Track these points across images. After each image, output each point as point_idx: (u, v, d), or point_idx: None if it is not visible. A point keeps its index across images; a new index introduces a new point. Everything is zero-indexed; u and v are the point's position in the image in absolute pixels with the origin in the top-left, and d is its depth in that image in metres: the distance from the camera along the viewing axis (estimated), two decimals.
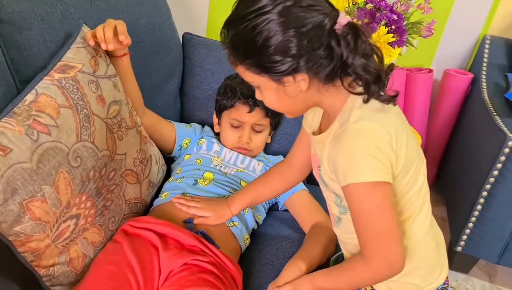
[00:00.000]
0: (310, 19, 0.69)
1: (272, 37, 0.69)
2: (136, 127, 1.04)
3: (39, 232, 0.82)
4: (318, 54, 0.70)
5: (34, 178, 0.79)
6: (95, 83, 0.92)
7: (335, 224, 0.91)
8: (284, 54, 0.69)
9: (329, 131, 0.78)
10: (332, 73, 0.72)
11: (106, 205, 0.96)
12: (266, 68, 0.72)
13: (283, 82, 0.73)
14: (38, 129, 0.80)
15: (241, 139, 1.22)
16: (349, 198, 0.75)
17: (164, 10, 1.33)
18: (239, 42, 0.73)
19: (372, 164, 0.71)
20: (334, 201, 0.86)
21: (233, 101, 1.22)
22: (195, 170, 1.16)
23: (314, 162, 0.87)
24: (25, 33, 0.94)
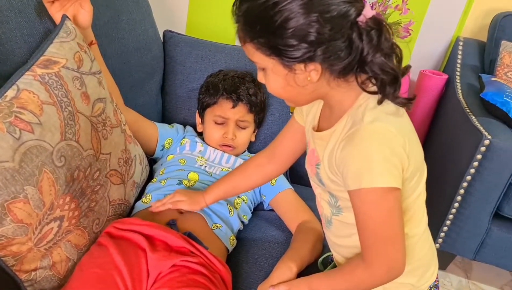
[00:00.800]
0: (335, 6, 0.64)
1: (292, 18, 0.64)
2: (121, 126, 1.01)
3: (21, 235, 0.78)
4: (337, 45, 0.66)
5: (16, 178, 0.75)
6: (79, 79, 0.89)
7: (325, 226, 0.89)
8: (301, 39, 0.65)
9: (334, 129, 0.75)
10: (347, 68, 0.68)
11: (90, 206, 0.92)
12: (279, 51, 0.67)
13: (293, 69, 0.69)
14: (20, 126, 0.76)
15: (225, 135, 1.20)
16: (359, 203, 0.71)
17: (145, 6, 1.30)
18: (254, 18, 0.67)
19: (388, 168, 0.68)
20: (327, 201, 0.84)
21: (216, 97, 1.20)
22: (179, 170, 1.14)
23: (312, 158, 0.84)
24: (2, 26, 0.89)
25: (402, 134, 0.69)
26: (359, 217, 0.73)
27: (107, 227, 0.96)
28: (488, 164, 1.37)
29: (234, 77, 1.22)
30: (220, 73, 1.26)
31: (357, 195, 0.70)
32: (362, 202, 0.71)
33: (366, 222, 0.73)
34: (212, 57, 1.36)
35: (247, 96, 1.20)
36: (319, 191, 0.86)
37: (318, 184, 0.84)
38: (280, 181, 1.19)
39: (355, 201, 0.72)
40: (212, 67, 1.33)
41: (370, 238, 0.73)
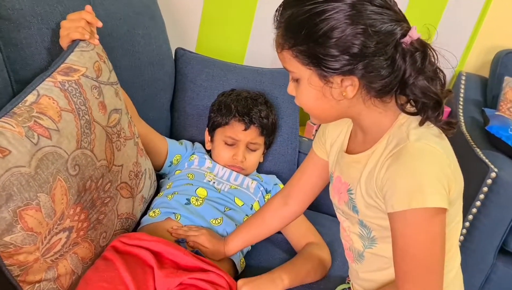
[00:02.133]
0: (382, 23, 0.63)
1: (337, 28, 0.62)
2: (134, 138, 1.00)
3: (29, 244, 0.76)
4: (379, 62, 0.64)
5: (31, 184, 0.73)
6: (97, 88, 0.88)
7: (354, 261, 0.84)
8: (344, 50, 0.63)
9: (373, 149, 0.72)
10: (386, 88, 0.66)
11: (99, 218, 0.90)
12: (318, 61, 0.65)
13: (330, 81, 0.66)
14: (38, 132, 0.75)
15: (235, 157, 1.19)
16: (402, 225, 0.66)
17: (160, 22, 1.31)
18: (297, 25, 0.65)
19: (438, 188, 0.64)
20: (358, 234, 0.79)
21: (228, 118, 1.19)
22: (187, 185, 1.12)
23: (339, 186, 0.80)
24: (24, 31, 0.89)
25: (447, 155, 0.67)
26: (399, 242, 0.68)
27: (112, 241, 0.94)
28: (494, 197, 1.37)
29: (247, 98, 1.21)
30: (232, 92, 1.26)
31: (402, 216, 0.66)
32: (406, 224, 0.66)
33: (407, 247, 0.67)
34: (223, 76, 1.36)
35: (259, 119, 1.19)
36: (347, 224, 0.82)
37: (349, 213, 0.79)
38: None
39: (398, 223, 0.67)
40: (223, 86, 1.33)
41: (409, 265, 0.68)
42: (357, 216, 0.77)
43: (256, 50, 1.78)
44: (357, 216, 0.77)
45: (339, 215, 0.84)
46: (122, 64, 1.12)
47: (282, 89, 1.36)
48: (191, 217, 1.03)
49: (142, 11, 1.20)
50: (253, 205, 1.15)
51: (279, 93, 1.35)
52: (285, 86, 1.35)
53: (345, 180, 0.78)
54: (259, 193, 1.18)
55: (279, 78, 1.39)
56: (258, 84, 1.35)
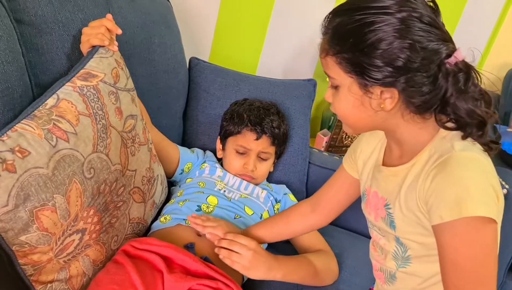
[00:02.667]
0: (429, 40, 0.64)
1: (385, 40, 0.63)
2: (148, 144, 1.01)
3: (43, 244, 0.77)
4: (421, 79, 0.65)
5: (48, 185, 0.74)
6: (115, 94, 0.90)
7: (386, 281, 0.82)
8: (388, 62, 0.64)
9: (414, 162, 0.71)
10: (426, 105, 0.67)
11: (111, 222, 0.91)
12: (361, 70, 0.66)
13: (369, 91, 0.67)
14: (57, 134, 0.77)
15: (246, 166, 1.20)
16: (450, 237, 0.64)
17: (176, 31, 1.33)
18: (345, 33, 0.67)
19: (487, 197, 0.63)
20: (393, 253, 0.78)
21: (240, 127, 1.20)
22: (198, 193, 1.13)
23: (376, 202, 0.79)
24: (45, 37, 0.92)
25: (492, 168, 0.66)
26: (449, 255, 0.65)
27: (123, 245, 0.95)
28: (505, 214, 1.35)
29: (260, 108, 1.23)
30: (245, 102, 1.27)
31: (452, 227, 0.63)
32: (455, 235, 0.63)
33: (457, 259, 0.64)
34: (236, 86, 1.37)
35: (271, 129, 1.20)
36: (384, 241, 0.81)
37: (386, 230, 0.78)
38: None
39: (447, 235, 0.64)
40: (235, 95, 1.35)
41: (460, 279, 0.65)
42: (394, 233, 0.76)
43: (269, 60, 1.80)
44: (394, 232, 0.75)
45: (375, 233, 0.83)
46: (138, 72, 1.14)
47: (294, 100, 1.38)
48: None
49: (158, 20, 1.23)
50: (263, 215, 1.16)
51: (291, 104, 1.36)
52: (297, 98, 1.39)
53: (382, 195, 0.77)
54: (268, 202, 1.19)
55: (291, 89, 1.40)
56: (270, 95, 1.36)
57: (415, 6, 0.65)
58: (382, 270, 0.83)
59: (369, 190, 0.82)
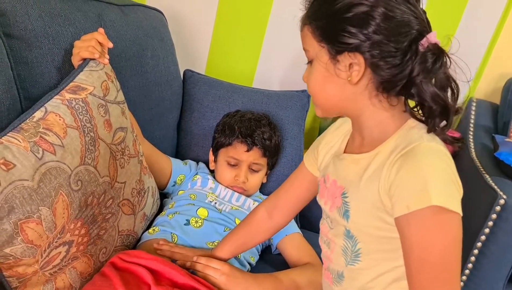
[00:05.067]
0: (402, 12, 0.64)
1: (357, 4, 0.64)
2: (138, 156, 1.02)
3: (29, 256, 0.77)
4: (388, 49, 0.64)
5: (33, 198, 0.75)
6: (104, 107, 0.90)
7: (334, 282, 0.80)
8: (358, 27, 0.64)
9: (377, 151, 0.69)
10: (391, 82, 0.66)
11: (99, 234, 0.91)
12: (331, 36, 0.66)
13: (337, 60, 0.67)
14: (43, 147, 0.77)
15: (237, 178, 1.20)
16: (418, 228, 0.62)
17: (169, 45, 1.35)
18: (318, 1, 0.69)
19: (455, 191, 0.62)
20: (342, 247, 0.76)
21: (231, 139, 1.21)
22: (189, 205, 1.13)
23: (333, 190, 0.77)
24: (35, 51, 0.93)
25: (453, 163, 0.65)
26: (415, 249, 0.63)
27: (112, 258, 0.95)
28: (503, 224, 1.34)
29: (251, 120, 1.23)
30: (237, 113, 1.28)
31: (418, 217, 0.61)
32: (423, 225, 0.61)
33: (424, 254, 0.62)
34: (229, 97, 1.38)
35: (262, 141, 1.21)
36: (331, 234, 0.79)
37: (338, 220, 0.76)
38: (289, 224, 1.18)
39: (412, 226, 0.62)
40: (229, 106, 1.35)
41: (428, 276, 0.62)
42: (346, 224, 0.74)
43: (265, 72, 1.81)
44: (346, 223, 0.74)
45: (325, 225, 0.81)
46: (131, 84, 1.15)
47: (288, 110, 1.38)
48: (187, 240, 1.04)
49: (151, 33, 1.24)
50: None
51: (284, 114, 1.37)
52: (291, 108, 1.39)
53: (341, 184, 0.75)
54: None
55: (285, 100, 1.41)
56: (264, 106, 1.37)
57: None
58: (329, 269, 0.81)
59: (328, 178, 0.80)
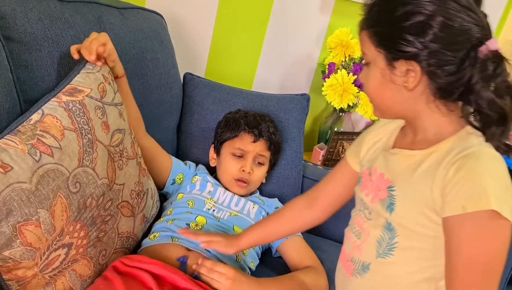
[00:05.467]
0: (462, 21, 0.64)
1: (416, 13, 0.64)
2: (137, 158, 1.02)
3: (28, 259, 0.77)
4: (446, 57, 0.64)
5: (31, 200, 0.75)
6: (101, 109, 0.90)
7: (355, 274, 0.80)
8: (416, 35, 0.64)
9: (433, 150, 0.69)
10: (449, 89, 0.66)
11: (99, 236, 0.91)
12: (389, 42, 0.67)
13: (394, 66, 0.68)
14: (41, 149, 0.77)
15: (243, 169, 1.19)
16: (472, 228, 0.62)
17: (169, 47, 1.35)
18: (378, 7, 0.69)
19: (509, 199, 0.61)
20: (377, 238, 0.75)
21: (236, 131, 1.21)
22: (187, 213, 1.12)
23: (378, 183, 0.77)
24: (35, 54, 0.93)
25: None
26: (464, 249, 0.63)
27: (114, 262, 0.95)
28: None
29: (255, 115, 1.25)
30: (239, 111, 1.29)
31: (473, 218, 0.62)
32: (477, 227, 0.62)
33: (473, 255, 0.63)
34: (230, 100, 1.38)
35: (268, 133, 1.22)
36: (367, 225, 0.78)
37: (380, 212, 0.75)
38: None
39: (466, 227, 0.62)
40: (229, 109, 1.35)
41: (476, 276, 0.63)
42: (388, 217, 0.74)
43: (264, 77, 1.81)
44: (389, 216, 0.74)
45: (361, 216, 0.80)
46: (130, 87, 1.14)
47: (287, 113, 1.39)
48: (189, 240, 1.03)
49: (151, 36, 1.24)
50: None
51: (284, 117, 1.37)
52: (290, 111, 1.39)
53: (388, 177, 0.75)
54: (260, 218, 1.18)
55: (285, 103, 1.41)
56: (264, 108, 1.37)
57: None
58: (353, 260, 0.80)
59: (375, 171, 0.79)
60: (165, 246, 1.03)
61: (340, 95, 1.63)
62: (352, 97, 1.63)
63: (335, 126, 1.83)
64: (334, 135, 1.69)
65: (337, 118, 1.83)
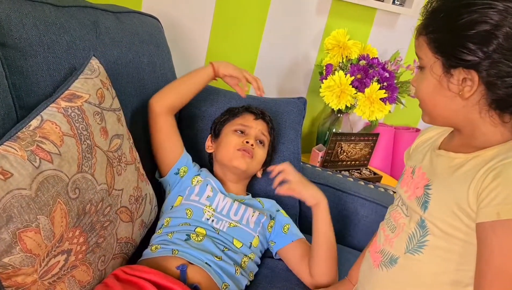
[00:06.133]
0: None
1: (482, 22, 0.63)
2: (135, 163, 1.02)
3: (27, 265, 0.77)
4: (508, 68, 0.63)
5: (31, 207, 0.74)
6: (100, 114, 0.90)
7: (381, 265, 0.80)
8: (479, 44, 0.63)
9: (477, 155, 0.70)
10: (507, 101, 0.65)
11: (98, 242, 0.91)
12: (448, 50, 0.66)
13: (450, 73, 0.67)
14: (40, 155, 0.77)
15: (247, 139, 1.18)
16: (505, 235, 0.62)
17: (166, 51, 1.35)
18: (440, 13, 0.68)
19: None
20: (410, 234, 0.76)
21: (238, 113, 1.25)
22: (185, 224, 1.10)
23: (418, 180, 0.78)
24: (30, 60, 0.92)
25: None
26: (495, 257, 0.63)
27: (115, 270, 0.94)
28: None
29: (256, 107, 1.29)
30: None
31: (508, 226, 0.62)
32: (511, 235, 0.62)
33: (506, 264, 0.62)
34: (227, 102, 1.38)
35: (268, 117, 1.26)
36: (403, 221, 0.79)
37: (415, 209, 0.77)
38: (293, 230, 1.17)
39: (498, 234, 0.63)
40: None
41: (503, 284, 0.62)
42: (422, 214, 0.75)
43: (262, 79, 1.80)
44: (422, 213, 0.74)
45: (398, 211, 0.81)
46: (127, 90, 1.15)
47: (285, 115, 1.39)
48: (190, 251, 1.02)
49: (147, 39, 1.24)
50: (252, 243, 1.12)
51: (281, 119, 1.37)
52: (287, 113, 1.39)
53: (428, 176, 0.76)
54: (259, 226, 1.16)
55: (282, 106, 1.41)
56: None
57: None
58: (383, 252, 0.81)
59: (419, 170, 0.80)
60: (166, 258, 1.02)
61: (337, 96, 1.64)
62: (349, 98, 1.64)
63: (333, 127, 1.83)
64: (333, 136, 1.70)
65: (335, 119, 1.83)
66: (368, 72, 1.62)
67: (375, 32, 1.98)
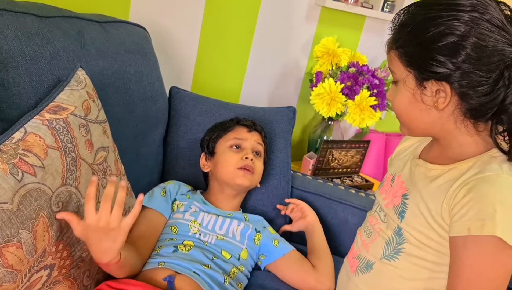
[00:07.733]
0: (495, 41, 0.63)
1: (448, 34, 0.63)
2: (120, 175, 1.00)
3: (9, 281, 0.75)
4: (478, 78, 0.63)
5: (12, 221, 0.73)
6: (85, 127, 0.89)
7: (357, 270, 0.81)
8: (448, 56, 0.64)
9: (453, 167, 0.70)
10: (480, 110, 0.65)
11: (82, 256, 0.89)
12: (419, 63, 0.66)
13: (424, 86, 0.68)
14: (23, 168, 0.75)
15: (246, 156, 1.16)
16: (475, 252, 0.62)
17: (153, 61, 1.33)
18: (408, 27, 0.68)
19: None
20: (387, 239, 0.77)
21: (230, 126, 1.22)
22: (172, 239, 1.08)
23: (396, 189, 0.79)
24: (12, 71, 0.90)
25: None
26: (465, 272, 0.64)
27: (100, 285, 0.92)
28: None
29: (245, 118, 1.27)
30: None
31: (477, 242, 0.62)
32: (480, 251, 0.62)
33: (473, 279, 0.63)
34: (216, 112, 1.37)
35: (260, 127, 1.24)
36: (380, 227, 0.80)
37: (392, 217, 0.77)
38: (283, 244, 1.17)
39: (468, 250, 0.63)
40: (216, 120, 1.35)
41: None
42: (398, 223, 0.75)
43: (251, 90, 1.81)
44: (399, 222, 0.75)
45: (376, 217, 0.82)
46: (114, 101, 1.14)
47: (274, 124, 1.38)
48: (178, 262, 1.00)
49: (133, 49, 1.23)
50: (241, 255, 1.11)
51: (271, 128, 1.37)
52: (277, 122, 1.39)
53: (406, 185, 0.77)
54: (245, 238, 1.14)
55: (271, 114, 1.41)
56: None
57: (487, 8, 0.64)
58: (359, 257, 0.81)
59: (398, 179, 0.80)
60: (152, 270, 0.99)
61: (328, 103, 1.63)
62: (340, 106, 1.63)
63: (324, 135, 1.83)
64: (324, 144, 1.69)
65: (326, 127, 1.83)
66: (358, 79, 1.61)
67: (365, 39, 1.98)
